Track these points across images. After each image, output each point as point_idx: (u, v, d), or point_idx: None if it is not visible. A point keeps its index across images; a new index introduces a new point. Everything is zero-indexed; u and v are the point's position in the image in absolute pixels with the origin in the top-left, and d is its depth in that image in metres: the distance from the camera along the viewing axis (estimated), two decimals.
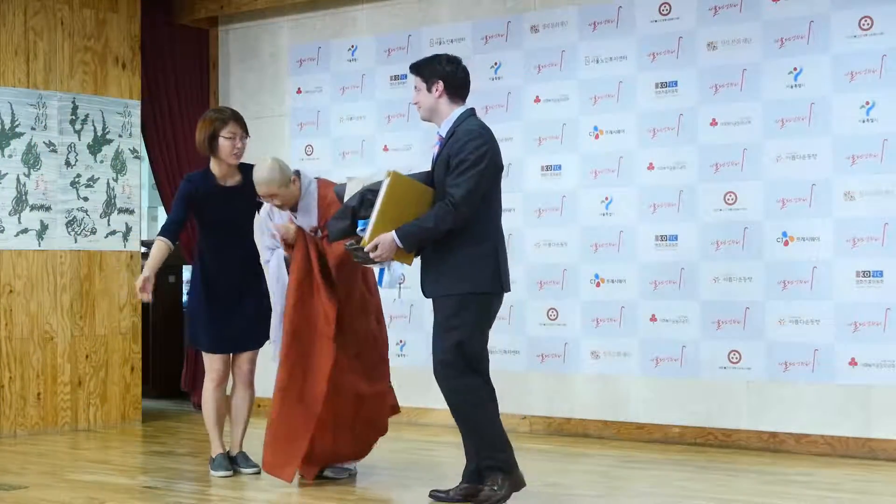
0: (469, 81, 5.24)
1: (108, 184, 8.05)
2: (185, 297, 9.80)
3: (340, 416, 5.71)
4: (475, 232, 5.03)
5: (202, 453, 7.13)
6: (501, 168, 5.17)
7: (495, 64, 7.71)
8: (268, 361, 6.18)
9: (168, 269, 9.69)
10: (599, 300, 7.28)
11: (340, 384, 5.65)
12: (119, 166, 8.12)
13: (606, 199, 7.27)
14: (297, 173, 5.78)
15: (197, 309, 6.11)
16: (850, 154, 6.52)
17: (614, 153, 7.25)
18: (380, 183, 5.04)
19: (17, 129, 7.61)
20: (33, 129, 7.68)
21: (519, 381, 7.56)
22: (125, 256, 8.06)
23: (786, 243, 6.71)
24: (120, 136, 8.13)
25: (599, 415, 7.29)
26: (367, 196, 5.10)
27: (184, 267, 9.77)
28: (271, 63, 8.67)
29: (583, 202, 7.35)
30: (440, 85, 5.14)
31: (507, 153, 7.56)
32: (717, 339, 6.90)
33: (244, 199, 6.06)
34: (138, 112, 8.23)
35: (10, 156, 7.57)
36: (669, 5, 7.10)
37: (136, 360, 8.14)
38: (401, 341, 8.02)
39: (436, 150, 5.17)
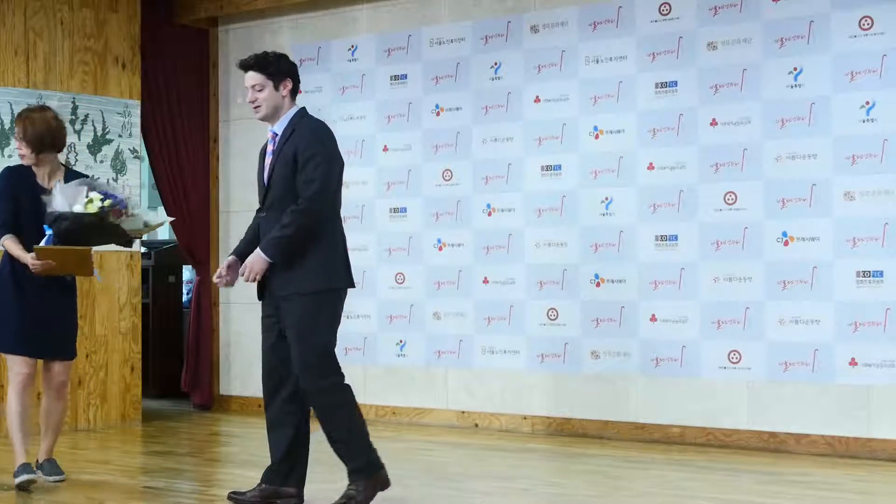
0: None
1: (107, 184, 8.03)
2: (184, 297, 9.82)
3: None
4: (325, 228, 4.96)
5: (202, 453, 7.14)
6: (343, 165, 5.10)
7: (495, 64, 7.71)
8: None
9: (168, 270, 9.70)
10: (599, 300, 7.28)
11: None
12: (119, 166, 8.12)
13: (606, 199, 7.27)
14: None
15: (2, 305, 5.57)
16: (850, 154, 6.52)
17: (614, 153, 7.25)
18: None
19: None
20: None
21: (519, 381, 7.56)
22: (125, 256, 8.06)
23: (786, 243, 6.70)
24: (120, 136, 8.12)
25: (599, 415, 7.29)
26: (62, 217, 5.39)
27: (184, 267, 9.77)
28: None
29: (583, 202, 7.35)
30: (289, 83, 5.03)
31: (507, 153, 7.65)
32: (717, 339, 6.90)
33: None
34: (138, 112, 8.22)
35: (9, 156, 7.56)
36: (669, 5, 7.10)
37: (136, 360, 8.13)
38: (401, 341, 8.01)
39: (269, 147, 5.06)
